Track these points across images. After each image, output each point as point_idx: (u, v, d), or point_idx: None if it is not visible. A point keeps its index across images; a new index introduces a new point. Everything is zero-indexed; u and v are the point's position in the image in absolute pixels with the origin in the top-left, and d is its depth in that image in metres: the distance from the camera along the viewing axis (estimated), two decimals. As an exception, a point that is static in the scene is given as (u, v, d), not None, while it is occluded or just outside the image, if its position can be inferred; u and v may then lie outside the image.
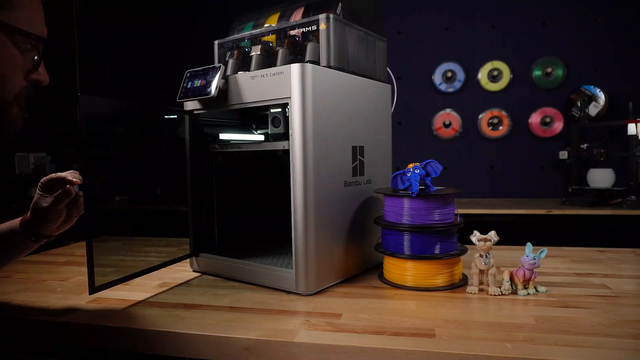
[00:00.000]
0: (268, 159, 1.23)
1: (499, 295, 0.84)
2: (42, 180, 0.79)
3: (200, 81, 0.94)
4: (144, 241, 1.46)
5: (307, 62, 0.90)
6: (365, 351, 0.63)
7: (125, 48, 3.66)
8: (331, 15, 0.91)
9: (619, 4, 2.76)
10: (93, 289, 0.75)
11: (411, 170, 0.91)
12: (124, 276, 0.85)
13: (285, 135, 0.96)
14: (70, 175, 0.79)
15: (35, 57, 0.64)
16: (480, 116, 2.92)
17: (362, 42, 1.03)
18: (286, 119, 0.96)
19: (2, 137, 0.64)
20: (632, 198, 2.31)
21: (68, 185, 0.78)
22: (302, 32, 0.94)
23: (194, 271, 1.06)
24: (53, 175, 0.79)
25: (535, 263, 0.84)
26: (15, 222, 0.79)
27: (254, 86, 0.90)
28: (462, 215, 0.94)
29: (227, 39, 1.07)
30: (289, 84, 0.84)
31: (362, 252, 1.01)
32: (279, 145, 0.92)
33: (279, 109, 0.97)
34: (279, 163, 1.21)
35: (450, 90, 3.01)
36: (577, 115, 2.73)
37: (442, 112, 3.02)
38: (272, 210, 1.19)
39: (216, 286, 0.95)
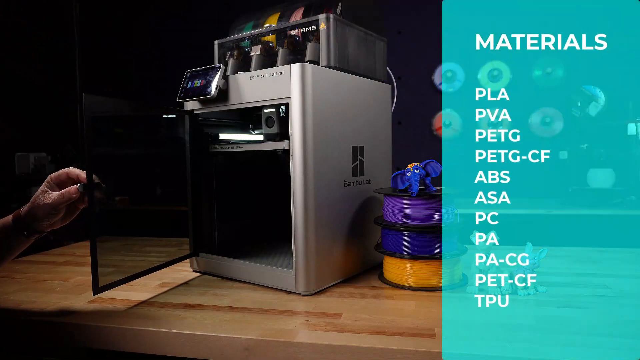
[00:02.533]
0: (268, 159, 1.23)
1: (499, 295, 0.84)
2: (51, 175, 0.77)
3: (200, 81, 0.94)
4: (144, 241, 1.46)
5: (307, 62, 0.90)
6: (365, 351, 0.63)
7: (125, 48, 3.66)
8: (331, 15, 0.91)
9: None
10: (97, 289, 0.75)
11: (411, 170, 0.91)
12: (126, 276, 0.85)
13: (279, 135, 0.96)
14: (82, 173, 0.77)
15: None
16: (480, 116, 2.92)
17: (362, 42, 1.03)
18: (280, 119, 0.96)
19: None
20: (632, 198, 2.31)
21: (73, 187, 0.75)
22: (302, 32, 0.94)
23: (194, 271, 1.06)
24: (64, 171, 0.77)
25: (535, 263, 0.84)
26: (7, 218, 0.77)
27: (254, 86, 0.90)
28: (462, 215, 0.94)
29: (227, 39, 1.07)
30: (289, 84, 0.84)
31: (362, 252, 1.01)
32: (279, 145, 0.92)
33: (273, 109, 0.96)
34: (279, 163, 1.20)
35: (450, 90, 3.01)
36: (577, 115, 2.73)
37: (442, 112, 3.02)
38: (272, 210, 1.19)
39: (216, 286, 0.95)
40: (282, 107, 0.96)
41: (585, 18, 2.76)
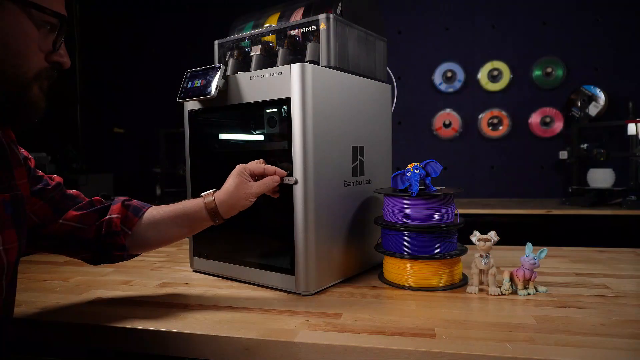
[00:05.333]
0: (268, 159, 1.23)
1: (499, 295, 0.84)
2: (245, 167, 0.84)
3: (200, 81, 0.94)
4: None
5: (307, 62, 0.90)
6: (365, 351, 0.63)
7: (125, 48, 3.66)
8: (331, 15, 0.91)
9: (618, 4, 2.76)
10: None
11: (411, 170, 0.91)
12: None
13: (281, 135, 0.96)
14: (280, 172, 0.85)
15: (55, 38, 0.63)
16: (480, 116, 2.92)
17: (362, 42, 1.03)
18: (282, 119, 0.96)
19: (24, 118, 0.64)
20: (632, 198, 2.31)
21: (275, 177, 0.84)
22: (302, 32, 0.94)
23: (194, 271, 1.06)
24: (261, 167, 0.85)
25: (535, 263, 0.84)
26: (199, 202, 0.83)
27: (254, 86, 0.90)
28: (462, 215, 0.94)
29: (227, 39, 1.07)
30: (289, 84, 0.84)
31: (362, 252, 1.01)
32: (280, 145, 0.92)
33: (275, 109, 0.97)
34: (279, 163, 1.20)
35: (450, 90, 3.01)
36: (577, 115, 2.73)
37: (442, 112, 3.01)
38: (272, 209, 1.18)
39: (216, 286, 0.95)
40: (284, 107, 0.96)
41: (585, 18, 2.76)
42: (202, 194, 0.84)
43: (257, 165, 0.85)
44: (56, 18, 0.62)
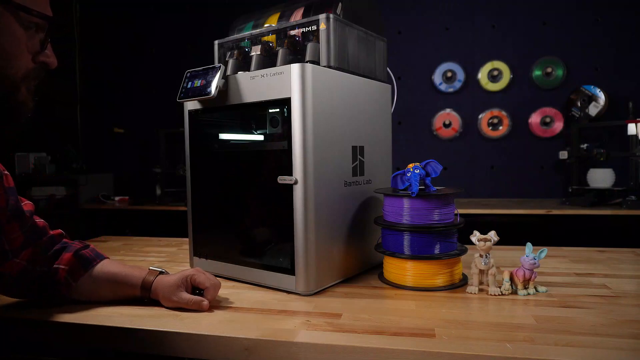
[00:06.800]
0: (268, 159, 1.23)
1: (499, 295, 0.84)
2: (196, 276, 0.80)
3: (200, 81, 0.94)
4: (144, 241, 1.46)
5: (307, 62, 0.90)
6: (365, 351, 0.63)
7: (125, 48, 3.66)
8: (331, 15, 0.91)
9: (618, 4, 2.76)
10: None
11: (411, 170, 0.91)
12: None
13: (283, 136, 0.96)
14: (212, 294, 0.80)
15: (42, 38, 0.64)
16: (480, 116, 2.92)
17: (362, 42, 1.03)
18: (284, 119, 0.96)
19: (13, 119, 0.65)
20: (632, 198, 2.31)
21: (207, 304, 0.79)
22: (302, 32, 0.94)
23: (194, 271, 1.06)
24: (206, 282, 0.80)
25: (535, 263, 0.84)
26: (138, 277, 0.81)
27: (254, 86, 0.90)
28: (462, 215, 0.94)
29: (227, 39, 1.07)
30: (289, 84, 0.84)
31: (362, 252, 1.01)
32: (279, 145, 0.92)
33: (277, 109, 0.97)
34: (279, 163, 1.20)
35: (450, 90, 3.01)
36: (577, 115, 2.73)
37: (442, 112, 3.01)
38: (273, 209, 1.19)
39: (216, 286, 0.94)
40: (286, 107, 0.96)
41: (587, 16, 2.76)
42: (150, 267, 0.84)
43: (203, 278, 0.81)
44: (43, 19, 0.63)
